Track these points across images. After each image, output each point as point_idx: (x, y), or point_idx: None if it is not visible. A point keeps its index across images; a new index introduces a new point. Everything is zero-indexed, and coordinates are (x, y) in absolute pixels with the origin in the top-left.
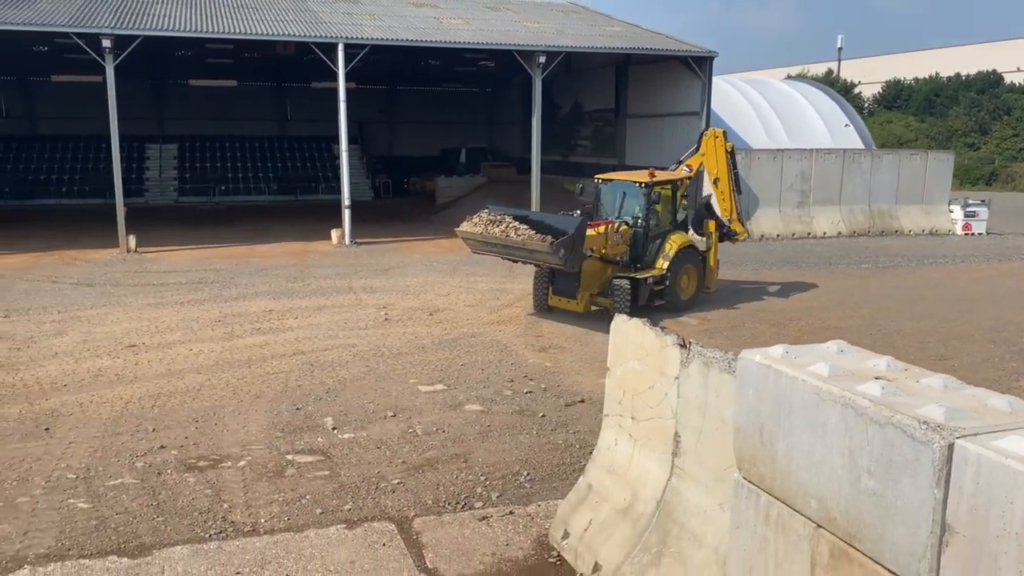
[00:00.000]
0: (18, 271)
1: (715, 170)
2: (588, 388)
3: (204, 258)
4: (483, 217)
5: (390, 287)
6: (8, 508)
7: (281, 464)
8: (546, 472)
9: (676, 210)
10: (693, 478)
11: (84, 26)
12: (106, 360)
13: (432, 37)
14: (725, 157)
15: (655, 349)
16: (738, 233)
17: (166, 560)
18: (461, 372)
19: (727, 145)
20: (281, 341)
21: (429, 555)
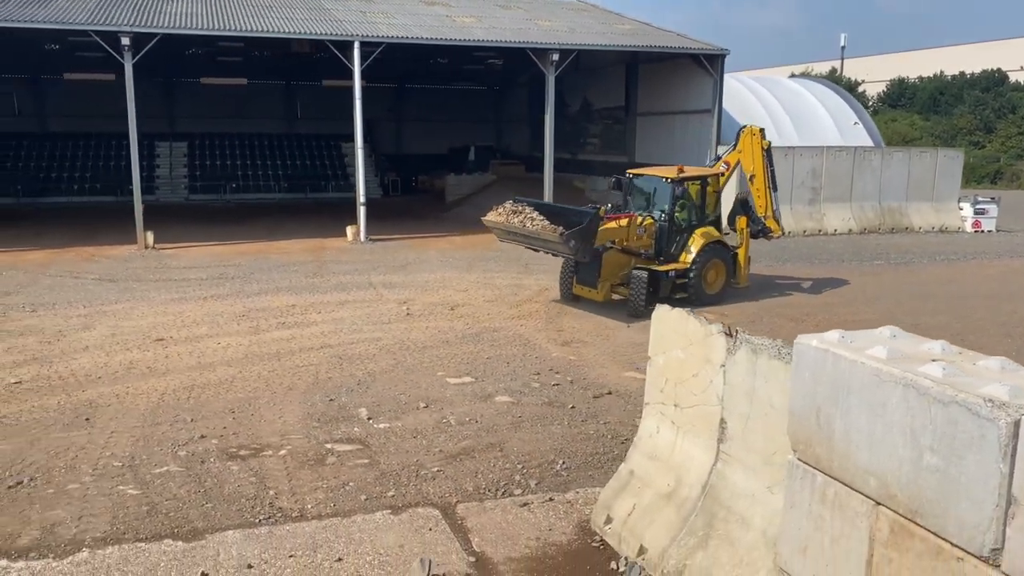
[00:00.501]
0: (39, 267)
1: (751, 167)
2: (613, 381)
3: (222, 254)
4: (507, 208)
5: (409, 283)
6: (60, 494)
7: (321, 453)
8: (581, 461)
9: (705, 206)
10: (740, 462)
11: (103, 24)
12: (136, 353)
13: (447, 35)
14: (762, 154)
15: (700, 337)
16: (773, 230)
17: (219, 544)
18: (487, 365)
19: (764, 142)
20: (307, 335)
21: (475, 539)
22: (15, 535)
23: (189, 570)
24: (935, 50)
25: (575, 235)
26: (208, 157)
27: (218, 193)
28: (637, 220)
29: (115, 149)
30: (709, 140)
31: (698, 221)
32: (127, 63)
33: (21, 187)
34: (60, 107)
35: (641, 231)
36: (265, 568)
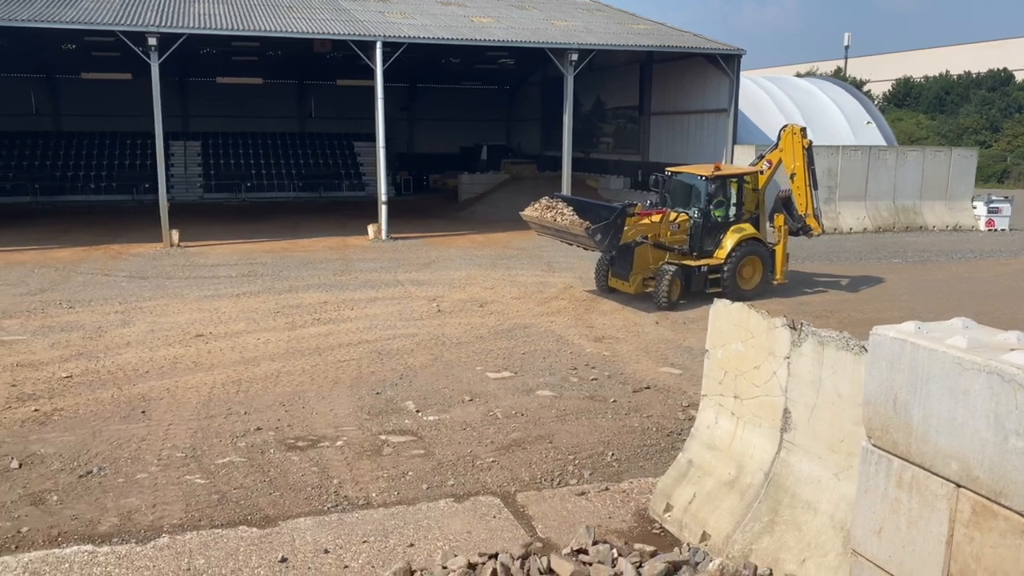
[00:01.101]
0: (69, 264)
1: (792, 165)
2: (651, 376)
3: (248, 252)
4: (542, 203)
5: (435, 280)
6: (130, 483)
7: (376, 444)
8: (630, 452)
9: (742, 203)
10: (805, 450)
11: (130, 25)
12: (179, 348)
13: (467, 35)
14: (802, 153)
15: (762, 331)
16: (813, 229)
17: (293, 530)
18: (524, 360)
19: (805, 141)
20: (343, 331)
21: (539, 526)
22: (95, 521)
23: (268, 555)
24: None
25: (600, 229)
26: (222, 156)
27: (233, 192)
28: (671, 216)
29: (129, 148)
30: (725, 139)
31: (735, 218)
32: (153, 63)
33: (39, 186)
34: (75, 106)
35: (675, 227)
36: (341, 553)
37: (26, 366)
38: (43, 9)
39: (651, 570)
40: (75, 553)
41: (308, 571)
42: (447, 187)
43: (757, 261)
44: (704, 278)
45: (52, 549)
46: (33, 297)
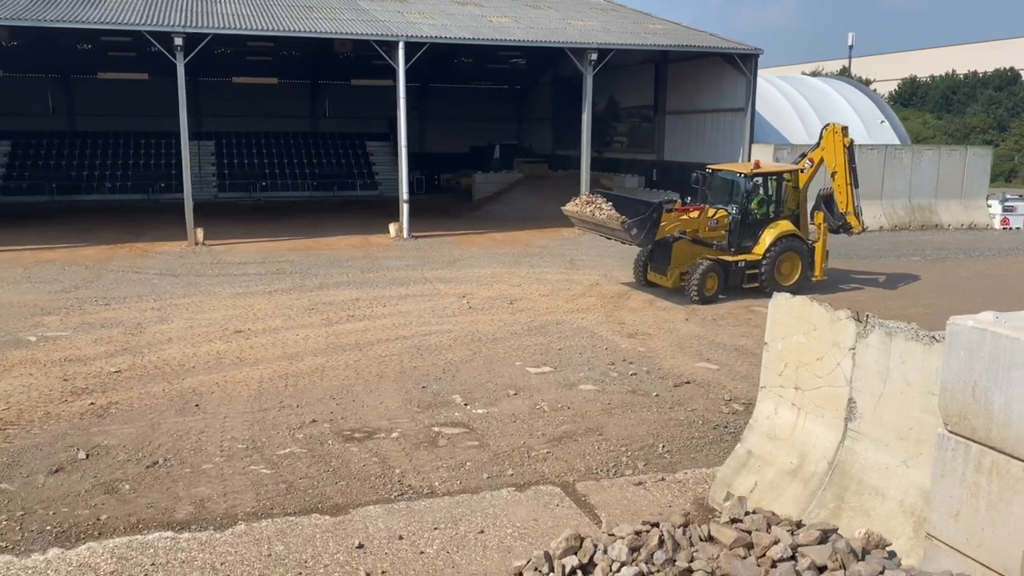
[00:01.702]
0: (98, 262)
1: (833, 163)
2: (688, 371)
3: (272, 250)
4: (582, 199)
5: (462, 278)
6: (197, 473)
7: (431, 435)
8: (680, 445)
9: (782, 200)
10: (871, 438)
11: (157, 25)
12: (220, 344)
13: (486, 35)
14: (843, 152)
15: (825, 323)
16: (853, 226)
17: (364, 517)
18: (560, 356)
19: (846, 140)
20: (379, 327)
21: (603, 514)
22: (170, 509)
23: (344, 541)
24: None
25: (636, 224)
26: (235, 156)
27: (247, 191)
28: (709, 212)
29: (143, 148)
30: (742, 138)
31: (774, 215)
32: (179, 63)
33: (56, 185)
34: (90, 106)
35: (714, 223)
36: (415, 539)
37: (74, 361)
38: (69, 10)
39: (807, 537)
40: (158, 539)
41: (385, 557)
42: (460, 186)
43: (796, 258)
44: (741, 273)
45: (134, 535)
46: (68, 294)
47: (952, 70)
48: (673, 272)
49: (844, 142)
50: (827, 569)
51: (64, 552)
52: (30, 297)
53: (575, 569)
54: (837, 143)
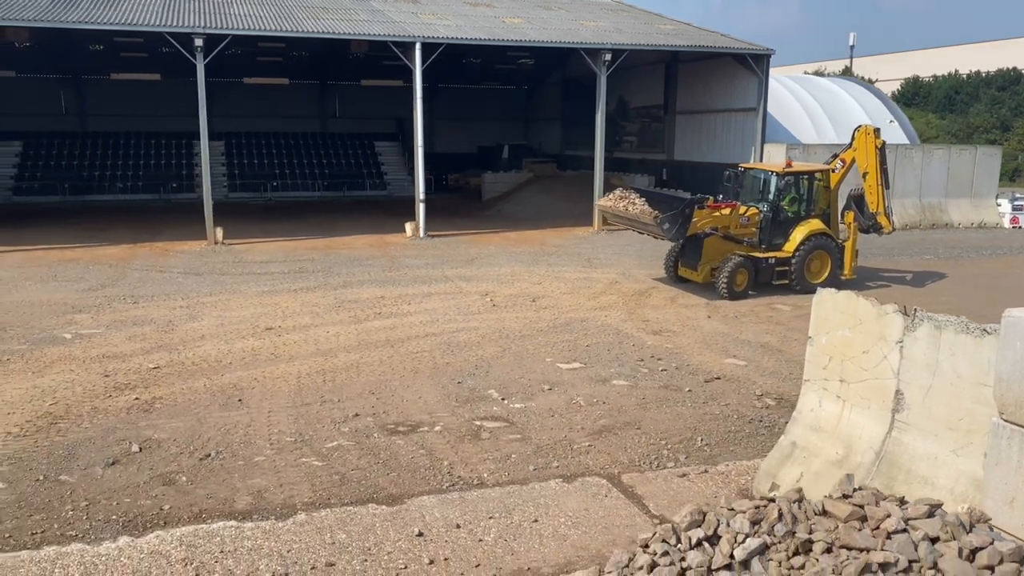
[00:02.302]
0: (120, 261)
1: (864, 165)
2: (717, 368)
3: (292, 249)
4: (616, 194)
5: (482, 276)
6: (250, 466)
7: (473, 429)
8: (718, 438)
9: (812, 199)
10: (919, 429)
11: (177, 26)
12: (253, 341)
13: (501, 35)
14: (875, 153)
15: (871, 317)
16: (884, 226)
17: (420, 507)
18: (589, 352)
19: (878, 141)
20: (407, 324)
21: (650, 504)
22: (230, 500)
23: (403, 529)
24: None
25: (668, 219)
26: (245, 156)
27: (257, 191)
28: (740, 209)
29: (154, 148)
30: (754, 138)
31: (805, 213)
32: (199, 64)
33: (68, 185)
34: (101, 107)
35: (745, 220)
36: (472, 528)
37: (112, 358)
38: (89, 11)
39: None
40: (222, 528)
41: (445, 544)
42: (469, 186)
43: (825, 256)
44: (771, 270)
45: (199, 524)
46: (95, 293)
47: (955, 70)
48: (704, 267)
49: (876, 144)
50: (939, 540)
51: (134, 540)
52: (59, 295)
53: (700, 541)
54: (869, 144)
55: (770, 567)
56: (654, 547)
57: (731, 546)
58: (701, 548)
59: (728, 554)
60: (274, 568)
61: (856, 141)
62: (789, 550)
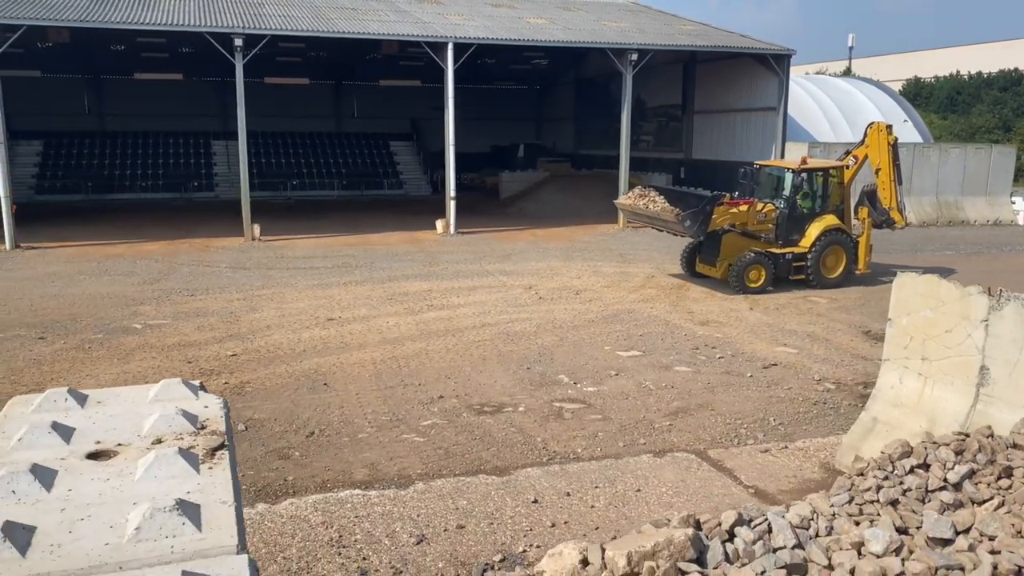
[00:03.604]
0: (165, 256)
1: (877, 160)
2: (770, 355)
3: (328, 246)
4: (635, 192)
5: (521, 271)
6: (356, 442)
7: (554, 410)
8: (788, 418)
9: (827, 195)
10: (1005, 401)
11: (218, 27)
12: (319, 331)
13: (529, 36)
14: (888, 149)
15: (954, 298)
16: (896, 222)
17: (526, 477)
18: (644, 341)
19: (890, 138)
20: (461, 315)
21: (741, 476)
22: (347, 472)
23: (518, 496)
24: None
25: (690, 216)
26: (263, 155)
27: (278, 190)
28: (758, 206)
29: (173, 147)
30: (775, 137)
31: (820, 210)
32: (238, 63)
33: (92, 184)
34: (119, 106)
35: (762, 216)
36: (582, 496)
37: (188, 346)
38: (130, 11)
39: None
40: (349, 496)
41: (561, 510)
42: (485, 185)
43: (840, 251)
44: (789, 265)
45: (326, 493)
46: (151, 286)
47: (956, 71)
48: (722, 264)
49: (888, 140)
50: None
51: (271, 507)
52: (115, 289)
53: (913, 468)
54: (882, 141)
55: (980, 488)
56: (872, 473)
57: (942, 471)
58: (915, 473)
59: (942, 478)
60: (410, 530)
61: (869, 138)
62: (994, 474)
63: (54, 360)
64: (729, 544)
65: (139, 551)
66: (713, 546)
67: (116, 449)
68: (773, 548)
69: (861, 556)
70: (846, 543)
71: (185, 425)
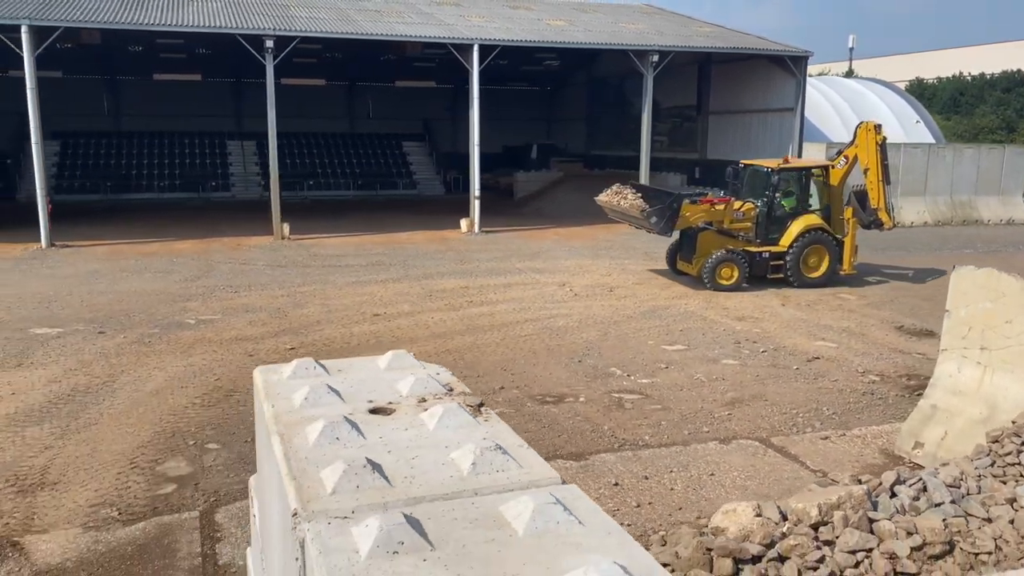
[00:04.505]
0: (200, 255)
1: (866, 160)
2: (811, 349)
3: (357, 244)
4: (613, 189)
5: (551, 268)
6: None
7: (614, 400)
8: (841, 408)
9: (809, 195)
10: None
11: (249, 29)
12: (368, 326)
13: (552, 38)
14: (876, 149)
15: (1015, 290)
16: (884, 223)
17: (602, 462)
18: (685, 336)
19: (878, 137)
20: (501, 312)
21: (807, 461)
22: None
23: (599, 480)
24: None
25: (656, 212)
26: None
27: (294, 190)
28: (735, 205)
29: (188, 147)
30: (792, 137)
31: (803, 209)
32: (268, 64)
33: (111, 184)
34: (136, 107)
35: (739, 215)
36: (659, 479)
37: (244, 340)
38: (162, 13)
39: None
40: None
41: (643, 492)
42: (499, 185)
43: (823, 251)
44: (766, 264)
45: None
46: (193, 283)
47: (959, 72)
48: (699, 261)
49: (877, 139)
50: None
51: None
52: (159, 286)
53: None
54: (870, 140)
55: None
56: (1009, 440)
57: None
58: None
59: None
60: None
61: (858, 137)
62: None
63: (119, 353)
64: (895, 500)
65: (481, 482)
66: (883, 500)
67: (390, 407)
68: (935, 503)
69: (1015, 510)
70: (1000, 499)
71: (438, 388)
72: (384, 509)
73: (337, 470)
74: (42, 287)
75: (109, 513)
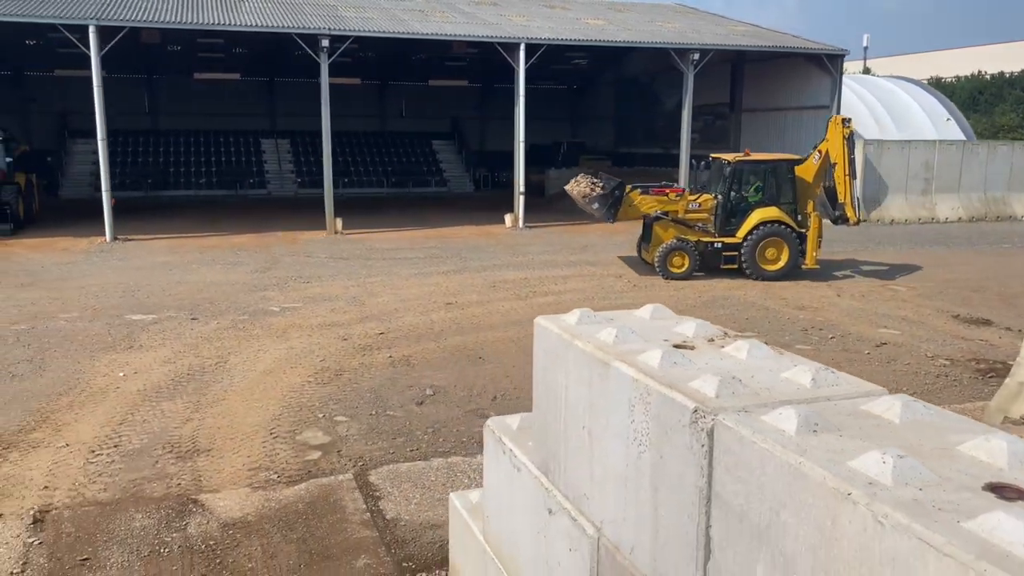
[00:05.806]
0: (260, 248)
1: (835, 155)
2: (877, 336)
3: (410, 239)
4: (577, 178)
5: (602, 261)
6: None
7: None
8: (920, 388)
9: (769, 188)
10: None
11: (304, 28)
12: (444, 314)
13: (593, 37)
14: (842, 142)
15: None
16: (850, 218)
17: None
18: (752, 324)
19: (845, 131)
20: (568, 301)
21: None
22: None
23: None
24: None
25: (597, 199)
26: (312, 153)
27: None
28: (689, 196)
29: (224, 146)
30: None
31: (764, 202)
32: (323, 63)
33: (151, 180)
34: (171, 105)
35: (695, 206)
36: None
37: (334, 326)
38: (217, 14)
39: None
40: None
41: None
42: (529, 182)
43: (781, 244)
44: (718, 255)
45: None
46: (265, 274)
47: (978, 70)
48: (653, 249)
49: (843, 133)
50: None
51: None
52: (232, 277)
53: None
54: (837, 134)
55: None
56: None
57: None
58: None
59: None
60: None
61: (829, 132)
62: None
63: (219, 337)
64: None
65: (826, 392)
66: None
67: (688, 343)
68: None
69: None
70: None
71: (716, 331)
72: (774, 407)
73: (711, 382)
74: (120, 278)
75: (268, 476)
